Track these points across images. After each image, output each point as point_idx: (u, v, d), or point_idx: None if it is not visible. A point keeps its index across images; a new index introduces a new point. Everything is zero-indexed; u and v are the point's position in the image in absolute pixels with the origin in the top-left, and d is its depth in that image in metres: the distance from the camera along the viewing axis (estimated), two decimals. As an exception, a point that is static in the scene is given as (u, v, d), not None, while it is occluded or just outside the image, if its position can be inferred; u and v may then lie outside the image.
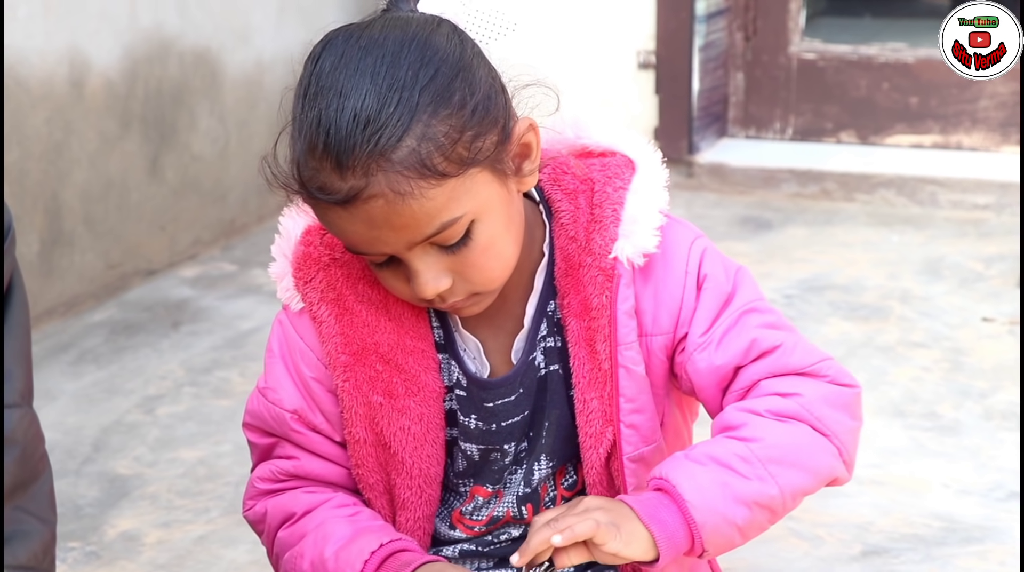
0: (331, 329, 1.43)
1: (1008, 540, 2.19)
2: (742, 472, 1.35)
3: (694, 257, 1.43)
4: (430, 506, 1.49)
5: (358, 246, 1.33)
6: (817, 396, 1.40)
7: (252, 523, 1.53)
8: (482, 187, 1.31)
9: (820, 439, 1.39)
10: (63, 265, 3.14)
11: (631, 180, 1.43)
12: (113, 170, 3.26)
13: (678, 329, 1.42)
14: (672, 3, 3.97)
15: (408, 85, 1.26)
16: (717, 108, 4.17)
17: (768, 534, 2.20)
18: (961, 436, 2.53)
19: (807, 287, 3.28)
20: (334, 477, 1.50)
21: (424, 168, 1.26)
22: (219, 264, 3.53)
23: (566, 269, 1.41)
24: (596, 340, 1.40)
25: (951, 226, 3.69)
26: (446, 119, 1.28)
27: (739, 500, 1.35)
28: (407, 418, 1.44)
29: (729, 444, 1.37)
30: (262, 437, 1.50)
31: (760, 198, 3.96)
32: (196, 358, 2.95)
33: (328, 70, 1.28)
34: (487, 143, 1.30)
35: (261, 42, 3.72)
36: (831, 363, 1.44)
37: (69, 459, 2.50)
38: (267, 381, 1.48)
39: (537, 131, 1.38)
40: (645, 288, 1.41)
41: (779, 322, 1.44)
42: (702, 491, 1.34)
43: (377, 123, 1.25)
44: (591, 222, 1.41)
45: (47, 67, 3.03)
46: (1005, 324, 3.02)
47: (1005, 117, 4.01)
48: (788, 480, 1.37)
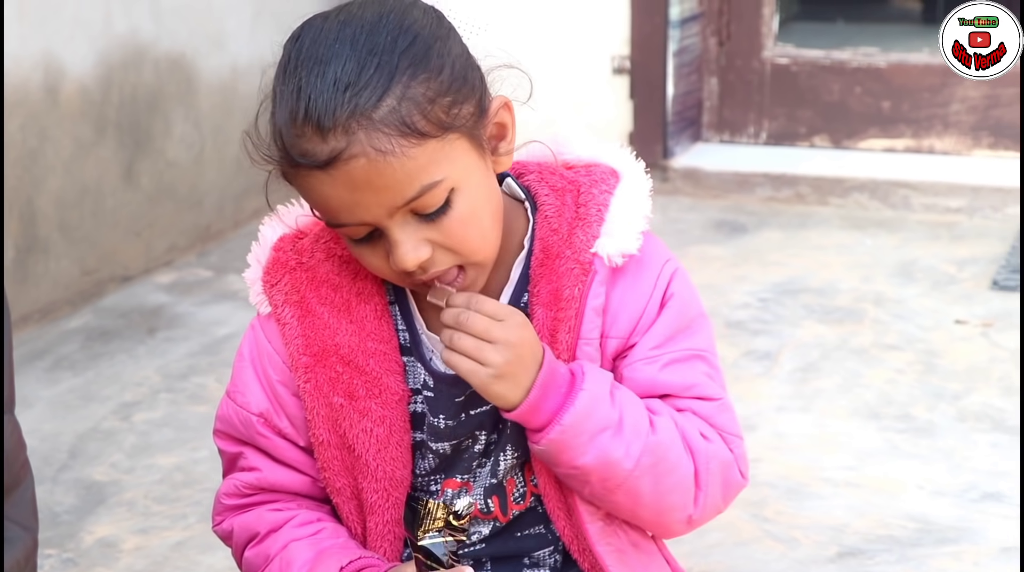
0: (294, 331, 1.45)
1: (982, 541, 2.20)
2: (625, 437, 1.37)
3: (665, 274, 1.45)
4: (398, 509, 1.50)
5: (339, 215, 1.34)
6: (720, 460, 1.43)
7: (221, 539, 1.55)
8: (461, 154, 1.34)
9: (691, 486, 1.42)
10: (38, 272, 3.14)
11: (616, 186, 1.45)
12: (88, 176, 3.26)
13: (631, 337, 1.44)
14: (646, 8, 3.99)
15: (387, 49, 1.30)
16: (691, 113, 4.19)
17: (744, 536, 2.22)
18: (935, 437, 2.55)
19: (781, 290, 3.29)
20: (298, 487, 1.50)
21: (404, 126, 1.29)
22: (195, 270, 3.53)
23: (543, 259, 1.43)
24: (559, 330, 1.42)
25: (924, 229, 3.72)
26: (425, 81, 1.31)
27: (598, 447, 1.37)
28: (369, 420, 1.45)
29: (641, 414, 1.39)
30: (231, 445, 1.52)
31: (734, 202, 3.97)
32: (172, 364, 2.95)
33: (308, 44, 1.31)
34: (464, 110, 1.33)
35: (236, 48, 3.72)
36: (743, 445, 1.47)
37: (46, 466, 2.49)
38: (235, 385, 1.51)
39: (512, 110, 1.40)
40: (615, 290, 1.43)
41: (721, 381, 1.48)
42: (588, 412, 1.36)
43: (357, 85, 1.28)
44: (575, 218, 1.43)
45: (21, 73, 3.03)
46: (978, 326, 3.05)
47: (976, 121, 4.04)
48: (640, 478, 1.39)
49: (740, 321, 3.10)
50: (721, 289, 3.28)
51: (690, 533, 1.57)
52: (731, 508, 2.25)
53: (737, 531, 2.24)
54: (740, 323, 3.09)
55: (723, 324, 3.06)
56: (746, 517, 2.28)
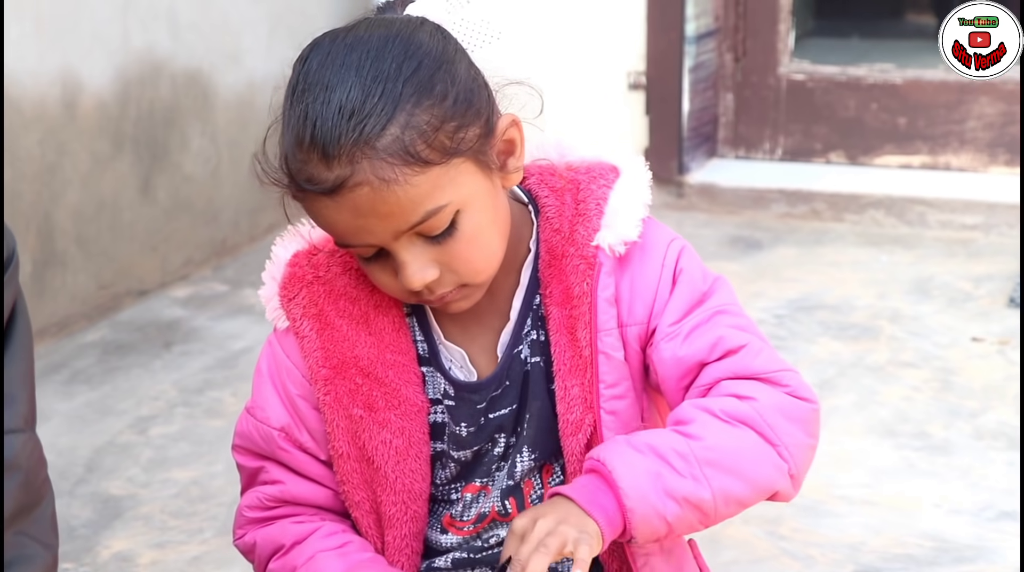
0: (312, 344, 1.46)
1: (999, 560, 2.20)
2: (678, 468, 1.35)
3: (672, 253, 1.46)
4: (416, 523, 1.50)
5: (346, 237, 1.36)
6: (772, 404, 1.39)
7: (243, 553, 1.55)
8: (466, 178, 1.35)
9: (767, 449, 1.38)
10: (55, 285, 3.15)
11: (615, 181, 1.46)
12: (105, 191, 3.27)
13: (651, 320, 1.44)
14: (662, 24, 3.99)
15: (392, 77, 1.31)
16: (707, 129, 4.19)
17: (760, 553, 2.22)
18: (952, 456, 2.54)
19: (797, 307, 3.29)
20: (320, 500, 1.51)
21: (408, 155, 1.30)
22: (211, 284, 3.54)
23: (549, 260, 1.44)
24: (577, 327, 1.42)
25: (940, 246, 3.71)
26: (429, 108, 1.31)
27: (670, 495, 1.35)
28: (388, 432, 1.46)
29: (671, 438, 1.37)
30: (251, 460, 1.52)
31: (750, 218, 3.97)
32: (188, 378, 2.95)
33: (315, 68, 1.33)
34: (470, 134, 1.34)
35: (252, 63, 3.73)
36: (793, 374, 1.43)
37: (62, 480, 2.50)
38: (255, 401, 1.51)
39: (520, 127, 1.41)
40: (624, 278, 1.44)
41: (749, 326, 1.45)
42: (637, 480, 1.34)
43: (362, 113, 1.29)
44: (576, 215, 1.44)
45: (40, 88, 3.04)
46: (994, 344, 3.04)
47: (993, 137, 4.03)
48: (722, 485, 1.36)
49: (756, 338, 3.10)
50: (736, 305, 3.28)
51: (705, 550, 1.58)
52: (747, 525, 2.27)
53: (753, 548, 2.24)
54: (756, 340, 3.08)
55: (739, 340, 3.05)
56: (762, 534, 2.27)
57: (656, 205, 1.48)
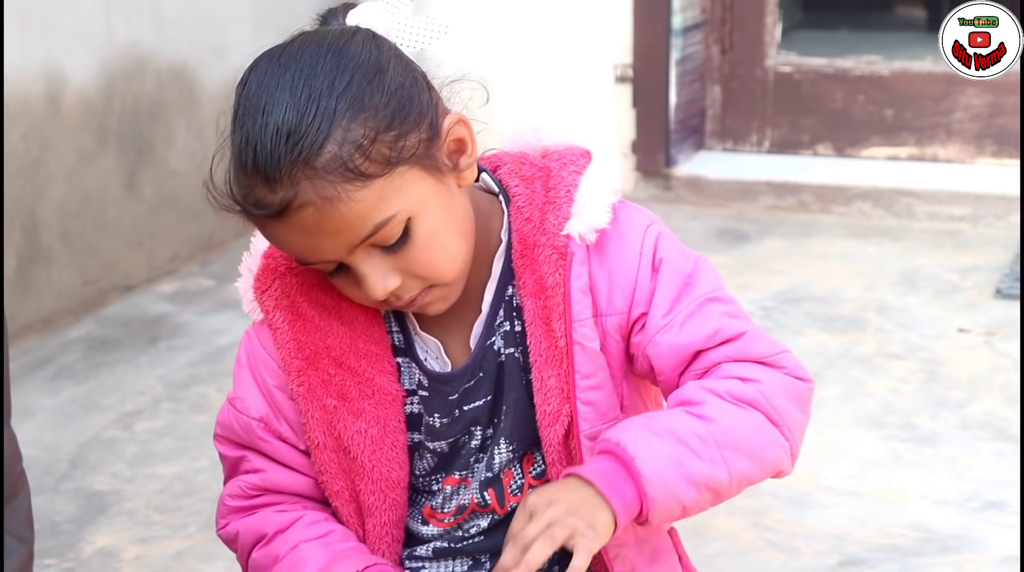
0: (285, 335, 1.46)
1: (984, 549, 2.20)
2: (698, 452, 1.36)
3: (649, 240, 1.44)
4: (396, 511, 1.50)
5: (302, 256, 1.37)
6: (775, 386, 1.41)
7: (226, 542, 1.55)
8: (413, 185, 1.34)
9: (772, 430, 1.40)
10: (40, 281, 3.14)
11: (586, 166, 1.45)
12: (90, 186, 3.26)
13: (632, 309, 1.43)
14: (649, 17, 3.99)
15: (325, 94, 1.31)
16: (694, 121, 4.18)
17: (745, 545, 2.22)
18: (938, 446, 2.54)
19: (784, 299, 3.29)
20: (302, 488, 1.51)
21: (347, 171, 1.30)
22: (197, 279, 3.53)
23: (522, 250, 1.43)
24: (552, 318, 1.41)
25: (927, 237, 3.71)
26: (364, 122, 1.31)
27: (690, 480, 1.36)
28: (363, 421, 1.46)
29: (688, 421, 1.37)
30: (232, 449, 1.52)
31: (737, 210, 3.97)
32: (174, 374, 2.94)
33: (253, 90, 1.33)
34: (411, 141, 1.33)
35: (238, 58, 3.72)
36: (789, 356, 1.45)
37: (46, 476, 2.49)
38: (235, 391, 1.52)
39: (468, 124, 1.40)
40: (599, 267, 1.43)
41: (739, 312, 1.46)
42: (658, 466, 1.34)
43: (298, 134, 1.29)
44: (546, 203, 1.43)
45: (23, 83, 3.03)
46: (981, 335, 3.04)
47: (979, 129, 4.03)
48: (738, 466, 1.38)
49: (742, 330, 3.09)
50: (723, 298, 3.27)
51: (690, 542, 1.58)
52: (732, 516, 2.27)
53: (738, 540, 2.24)
54: (742, 332, 3.08)
55: (725, 333, 3.05)
56: (747, 526, 2.27)
57: (644, 198, 1.48)
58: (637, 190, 4.06)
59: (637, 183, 4.07)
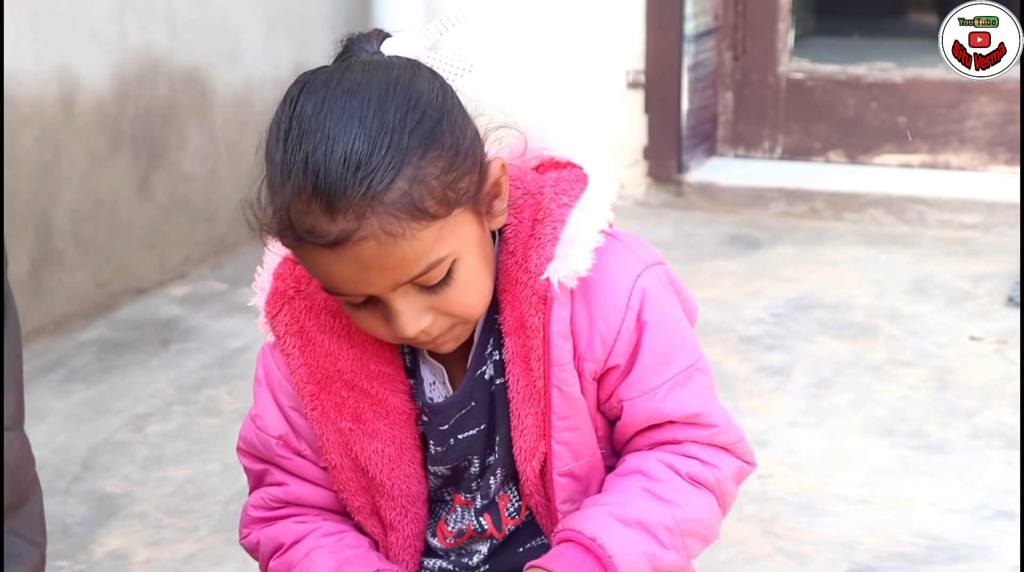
0: (296, 360, 1.45)
1: (994, 559, 2.19)
2: (665, 543, 1.40)
3: (636, 294, 1.41)
4: (418, 524, 1.51)
5: (341, 287, 1.33)
6: (729, 473, 1.46)
7: (248, 551, 1.56)
8: (464, 227, 1.33)
9: (719, 512, 1.46)
10: (53, 284, 3.15)
11: (578, 197, 1.42)
12: (103, 189, 3.26)
13: (609, 360, 1.42)
14: (661, 23, 3.99)
15: (397, 128, 1.27)
16: (706, 127, 4.18)
17: (755, 552, 2.22)
18: (948, 455, 2.54)
19: (795, 306, 3.29)
20: (323, 501, 1.52)
21: (416, 210, 1.27)
22: (209, 282, 3.53)
23: (504, 284, 1.41)
24: (531, 358, 1.40)
25: (939, 245, 3.71)
26: (435, 161, 1.28)
27: (658, 571, 1.40)
28: (380, 441, 1.46)
29: (655, 509, 1.40)
30: (254, 463, 1.53)
31: (749, 217, 3.97)
32: (185, 377, 2.95)
33: (311, 113, 1.28)
34: (466, 184, 1.32)
35: (250, 62, 3.73)
36: (744, 442, 1.49)
37: (58, 478, 2.50)
38: (256, 408, 1.52)
39: (508, 171, 1.39)
40: (583, 310, 1.41)
41: (713, 382, 1.48)
42: (633, 561, 1.38)
43: (369, 166, 1.25)
44: (530, 238, 1.41)
45: (37, 87, 3.04)
46: (993, 343, 3.04)
47: (992, 136, 4.03)
48: (694, 551, 1.44)
49: (753, 336, 3.10)
50: (735, 304, 3.28)
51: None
52: (742, 524, 2.27)
53: (748, 547, 2.24)
54: (753, 338, 3.08)
55: (736, 339, 3.05)
56: (757, 533, 2.27)
57: (655, 204, 1.46)
58: (649, 196, 4.06)
59: (649, 189, 4.07)
